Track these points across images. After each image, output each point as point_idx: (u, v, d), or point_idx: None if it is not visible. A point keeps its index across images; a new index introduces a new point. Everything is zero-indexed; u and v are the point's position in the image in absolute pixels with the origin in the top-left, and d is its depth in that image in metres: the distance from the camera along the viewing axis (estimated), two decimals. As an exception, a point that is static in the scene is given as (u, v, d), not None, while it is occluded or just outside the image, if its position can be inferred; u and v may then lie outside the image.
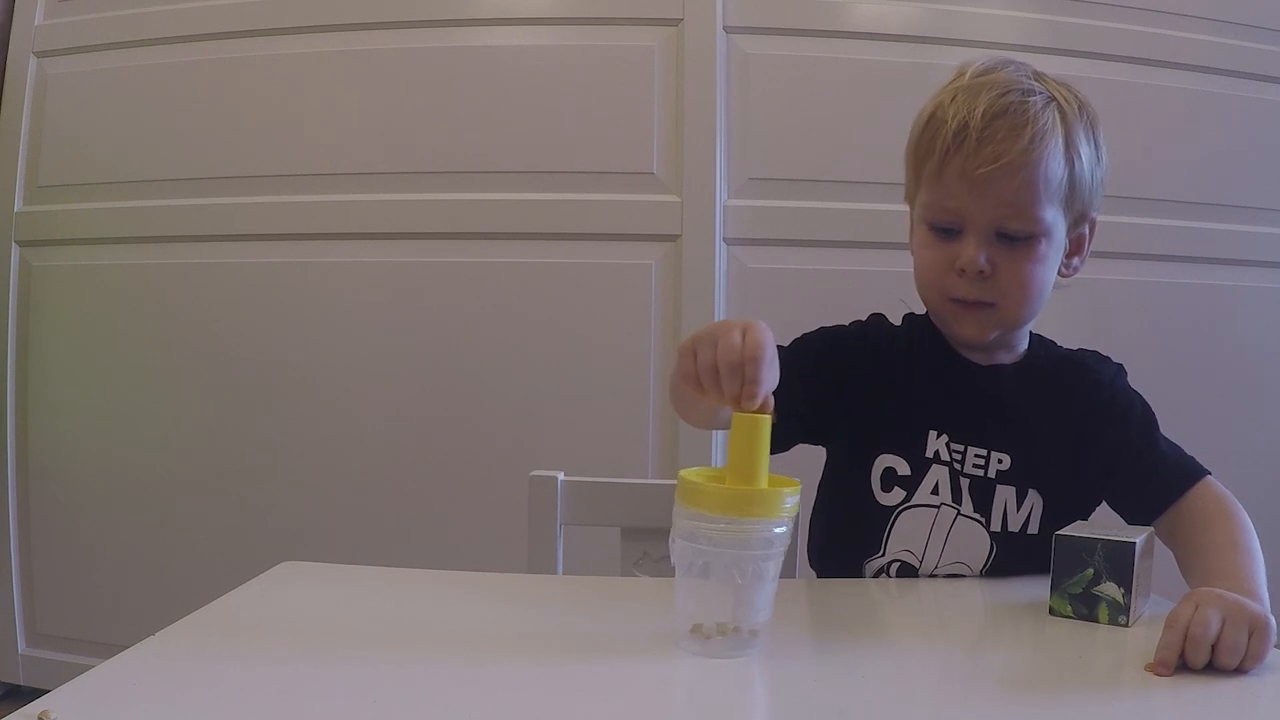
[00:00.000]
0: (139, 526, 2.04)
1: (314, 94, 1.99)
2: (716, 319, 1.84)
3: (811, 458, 1.03)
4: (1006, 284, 0.92)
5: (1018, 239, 0.91)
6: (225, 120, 2.01)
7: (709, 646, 0.58)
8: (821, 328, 1.03)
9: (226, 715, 0.49)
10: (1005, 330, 0.97)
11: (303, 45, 2.00)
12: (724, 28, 1.91)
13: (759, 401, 0.64)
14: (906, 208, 1.02)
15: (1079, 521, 0.87)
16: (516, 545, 1.10)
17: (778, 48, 1.92)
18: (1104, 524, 0.85)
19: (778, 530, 0.60)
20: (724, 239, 1.90)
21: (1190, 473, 0.92)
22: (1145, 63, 1.92)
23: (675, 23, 1.91)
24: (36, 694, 0.80)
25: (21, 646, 2.10)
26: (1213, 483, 0.91)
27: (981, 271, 0.91)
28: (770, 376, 0.67)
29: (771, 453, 0.96)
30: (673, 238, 1.90)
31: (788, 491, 0.62)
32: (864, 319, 1.05)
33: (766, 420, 0.63)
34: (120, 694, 0.52)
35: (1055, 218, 0.92)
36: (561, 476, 1.08)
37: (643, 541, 1.05)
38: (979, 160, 0.88)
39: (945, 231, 0.93)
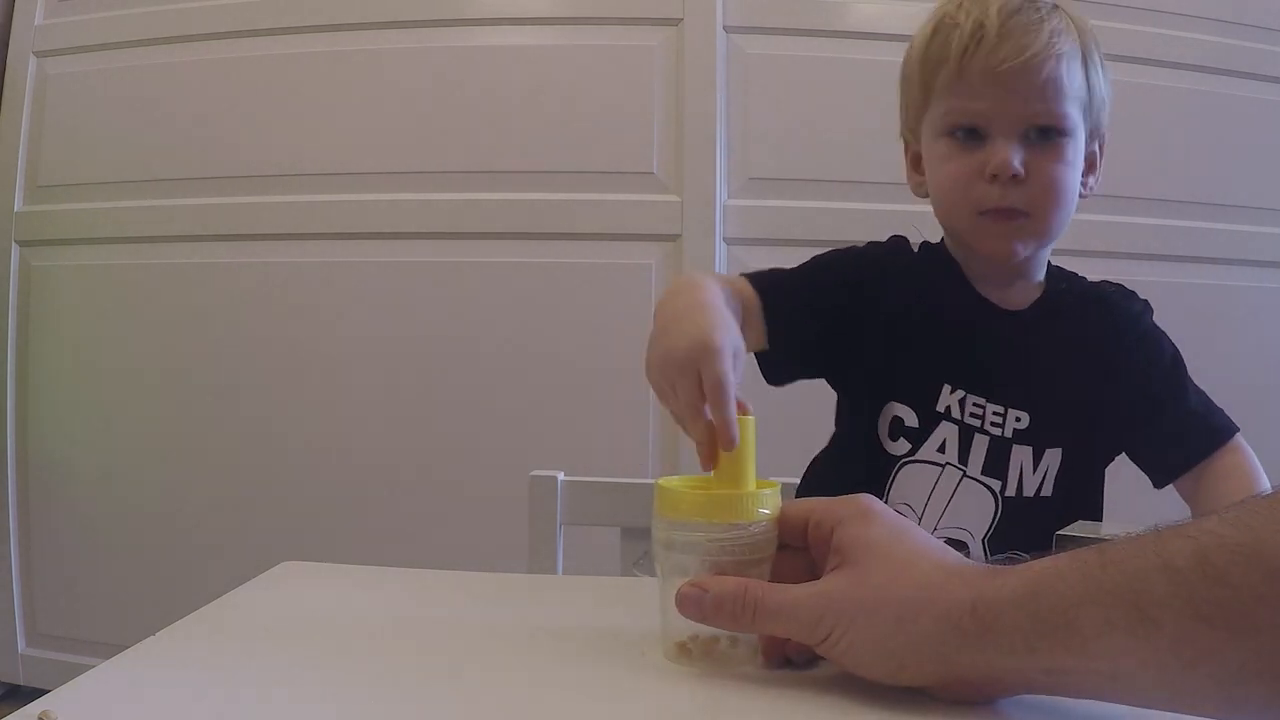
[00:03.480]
0: (139, 526, 2.04)
1: (314, 94, 1.99)
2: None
3: (810, 417, 1.01)
4: (1038, 189, 0.87)
5: (1048, 136, 0.87)
6: (225, 120, 2.01)
7: (701, 665, 0.57)
8: (836, 251, 0.97)
9: (226, 715, 0.49)
10: (1036, 244, 0.91)
11: (303, 45, 2.00)
12: (724, 28, 1.91)
13: (734, 439, 0.61)
14: (902, 148, 0.99)
15: (1081, 521, 0.86)
16: (516, 545, 1.10)
17: (778, 48, 1.92)
18: (1105, 523, 0.84)
19: (774, 532, 0.59)
20: (724, 239, 1.90)
21: (1219, 429, 0.90)
22: (1145, 63, 1.92)
23: (675, 23, 1.91)
24: (36, 694, 0.80)
25: (21, 646, 2.10)
26: (1241, 444, 0.89)
27: (1015, 175, 0.86)
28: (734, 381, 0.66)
29: (772, 383, 0.94)
30: (673, 238, 1.90)
31: (777, 491, 0.60)
32: (883, 240, 0.99)
33: (751, 422, 0.62)
34: (120, 694, 0.52)
35: (1078, 119, 0.89)
36: (561, 476, 1.08)
37: (643, 541, 1.05)
38: (1002, 55, 0.85)
39: (970, 135, 0.88)
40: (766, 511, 0.58)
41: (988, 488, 0.91)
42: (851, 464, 0.96)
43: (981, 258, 0.94)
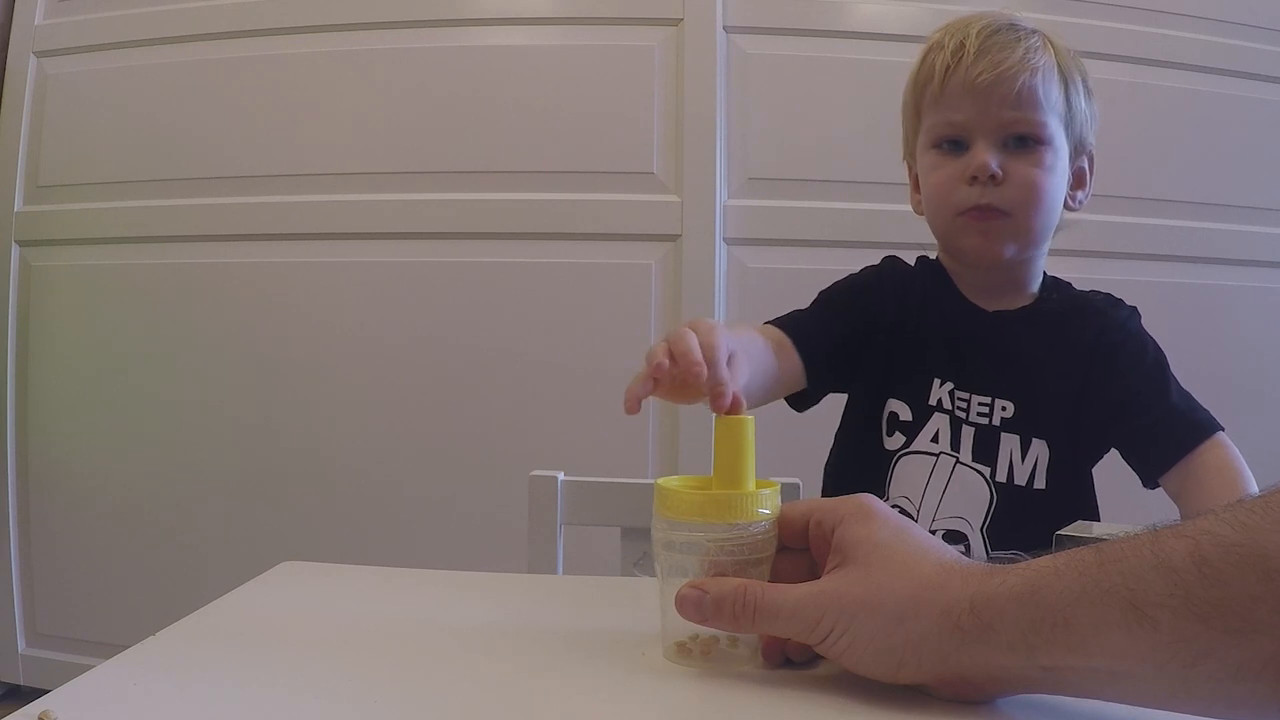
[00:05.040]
0: (139, 526, 2.04)
1: (314, 94, 1.99)
2: (716, 319, 1.84)
3: (810, 417, 1.04)
4: (1017, 190, 0.93)
5: (1025, 143, 0.93)
6: (225, 120, 2.01)
7: (701, 665, 0.57)
8: (836, 284, 1.05)
9: (226, 715, 0.49)
10: (1018, 246, 0.95)
11: (303, 45, 2.00)
12: (724, 28, 1.91)
13: (661, 357, 0.65)
14: (906, 174, 1.05)
15: (1080, 521, 0.86)
16: (516, 545, 1.10)
17: (778, 48, 1.92)
18: (1106, 522, 0.84)
19: (774, 532, 0.58)
20: (724, 239, 1.90)
21: (1200, 426, 0.91)
22: (1145, 63, 1.92)
23: (675, 23, 1.91)
24: (36, 694, 0.80)
25: (21, 646, 2.10)
26: (1223, 441, 0.91)
27: (993, 176, 0.92)
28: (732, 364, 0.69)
29: (800, 409, 1.01)
30: (673, 238, 1.90)
31: (777, 491, 0.60)
32: (877, 263, 1.07)
33: (750, 421, 0.62)
34: (120, 694, 0.52)
35: (1057, 130, 0.94)
36: (561, 476, 1.08)
37: (643, 541, 1.05)
38: (979, 69, 0.92)
39: (953, 145, 0.95)
40: (766, 511, 0.58)
41: (980, 473, 0.95)
42: (855, 465, 1.01)
43: (973, 264, 0.99)
